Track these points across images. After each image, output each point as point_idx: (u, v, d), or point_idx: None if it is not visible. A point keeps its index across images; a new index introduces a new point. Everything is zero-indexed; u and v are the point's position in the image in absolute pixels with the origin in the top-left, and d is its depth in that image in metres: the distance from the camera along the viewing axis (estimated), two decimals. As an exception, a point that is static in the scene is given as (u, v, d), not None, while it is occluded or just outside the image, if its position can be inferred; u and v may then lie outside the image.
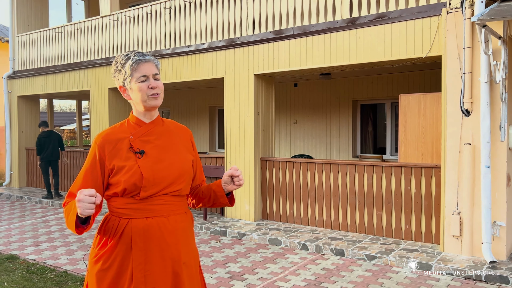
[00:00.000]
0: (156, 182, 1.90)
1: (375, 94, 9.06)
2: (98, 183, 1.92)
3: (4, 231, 7.07)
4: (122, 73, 1.93)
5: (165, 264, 1.91)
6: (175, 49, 8.06)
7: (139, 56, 1.91)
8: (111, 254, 1.89)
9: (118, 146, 1.93)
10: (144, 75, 1.91)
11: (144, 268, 1.88)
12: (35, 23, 11.34)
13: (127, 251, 1.88)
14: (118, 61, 1.96)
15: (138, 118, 2.00)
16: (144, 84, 1.91)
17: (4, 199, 10.32)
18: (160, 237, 1.90)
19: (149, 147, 1.95)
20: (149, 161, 1.92)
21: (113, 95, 9.32)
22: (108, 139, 1.94)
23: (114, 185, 1.91)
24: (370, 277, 4.81)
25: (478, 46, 5.02)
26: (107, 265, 1.88)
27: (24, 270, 5.08)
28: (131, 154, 1.92)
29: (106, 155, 1.91)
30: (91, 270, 1.92)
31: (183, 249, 1.97)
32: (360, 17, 6.09)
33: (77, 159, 10.26)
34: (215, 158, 7.98)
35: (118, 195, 1.91)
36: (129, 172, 1.87)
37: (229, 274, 4.95)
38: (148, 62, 1.92)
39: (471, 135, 5.17)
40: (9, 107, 11.31)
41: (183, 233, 1.99)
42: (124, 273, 1.88)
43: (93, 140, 1.96)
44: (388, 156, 9.05)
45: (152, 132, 1.99)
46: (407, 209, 5.94)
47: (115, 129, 1.99)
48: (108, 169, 1.91)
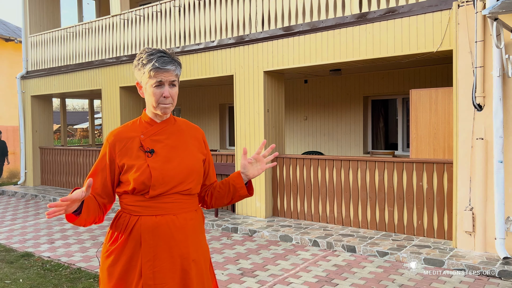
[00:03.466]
0: (165, 181, 1.92)
1: (386, 89, 8.99)
2: (107, 180, 1.95)
3: (20, 229, 7.19)
4: (141, 72, 1.93)
5: (174, 261, 1.92)
6: (185, 47, 8.09)
7: (160, 64, 1.86)
8: (121, 250, 1.92)
9: (128, 145, 1.95)
10: (161, 80, 1.89)
11: (153, 265, 1.90)
12: (47, 24, 11.47)
13: (137, 248, 1.91)
14: (141, 58, 1.92)
15: (150, 117, 2.02)
16: (159, 91, 1.89)
17: (19, 197, 10.49)
18: (168, 234, 1.92)
19: (159, 146, 1.97)
20: (159, 160, 1.94)
21: (124, 94, 9.40)
22: (119, 137, 1.96)
23: (124, 183, 1.94)
24: (381, 273, 4.79)
25: (490, 40, 4.95)
26: (117, 261, 1.91)
27: (39, 267, 5.16)
28: (141, 153, 1.94)
29: (116, 153, 1.94)
30: (103, 265, 1.96)
31: (192, 247, 1.98)
32: (370, 12, 6.04)
33: (89, 157, 10.38)
34: (225, 155, 8.00)
35: (129, 192, 1.94)
36: (139, 171, 1.89)
37: (241, 270, 4.97)
38: (166, 71, 1.88)
39: (484, 129, 5.11)
40: (22, 107, 11.47)
41: (192, 231, 2.00)
42: (133, 269, 1.91)
43: (105, 138, 2.00)
44: (399, 152, 8.98)
45: (163, 132, 2.01)
46: (419, 205, 5.90)
47: (126, 127, 2.01)
48: (118, 166, 1.94)
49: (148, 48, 1.96)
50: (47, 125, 11.75)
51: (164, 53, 1.92)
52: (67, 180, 10.93)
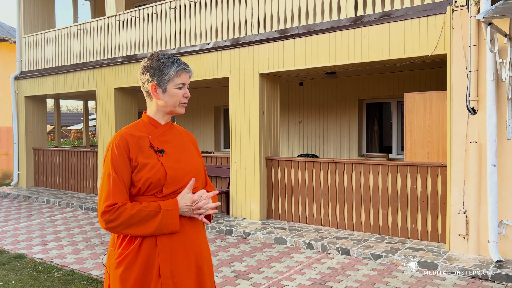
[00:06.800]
0: (178, 180, 1.96)
1: (381, 92, 9.03)
2: (127, 183, 1.91)
3: (12, 231, 7.14)
4: (163, 74, 1.96)
5: (189, 258, 1.96)
6: (180, 49, 8.08)
7: (184, 65, 2.00)
8: (136, 253, 1.89)
9: (140, 143, 1.95)
10: (183, 83, 2.00)
11: (170, 263, 1.91)
12: (42, 24, 11.42)
13: (152, 248, 1.90)
14: (160, 60, 1.98)
15: (154, 119, 2.03)
16: (180, 92, 2.00)
17: (12, 198, 10.41)
18: (183, 232, 1.95)
19: (167, 146, 2.01)
20: (170, 159, 1.97)
21: (119, 95, 9.37)
22: (130, 136, 1.94)
23: (136, 182, 1.91)
24: (375, 276, 4.80)
25: (484, 44, 4.99)
26: (132, 264, 1.89)
27: (32, 269, 5.13)
28: (152, 152, 1.95)
29: (130, 151, 1.91)
30: (115, 272, 1.91)
31: (203, 244, 2.05)
32: (365, 15, 6.07)
33: (83, 159, 10.33)
34: (220, 157, 8.00)
35: (139, 193, 1.92)
36: (153, 170, 1.91)
37: (235, 273, 4.96)
38: (189, 72, 2.03)
39: (477, 133, 5.14)
40: (16, 108, 11.40)
41: (202, 229, 2.07)
42: (150, 270, 1.90)
43: (112, 140, 1.94)
44: (394, 155, 9.02)
45: (168, 133, 2.05)
46: (413, 208, 5.92)
47: (132, 127, 2.01)
48: (133, 165, 1.91)
49: (158, 52, 2.02)
50: (41, 126, 11.68)
51: (177, 57, 2.04)
52: (61, 181, 10.87)
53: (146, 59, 2.02)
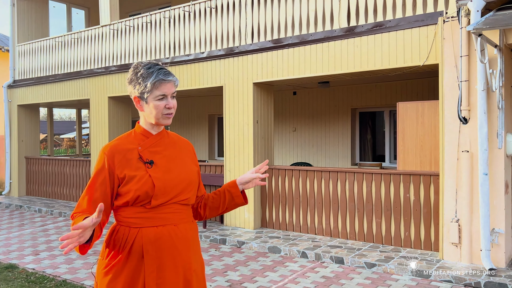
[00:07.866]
0: (167, 191, 1.93)
1: (374, 102, 9.10)
2: (107, 193, 1.91)
3: (4, 240, 7.06)
4: (141, 86, 1.92)
5: (177, 271, 1.93)
6: (174, 58, 8.11)
7: (162, 75, 1.91)
8: (123, 264, 1.89)
9: (128, 156, 1.94)
10: (164, 94, 1.92)
11: (157, 276, 1.89)
12: (35, 33, 11.41)
13: (139, 260, 1.89)
14: (139, 72, 1.93)
15: (146, 129, 2.02)
16: (162, 103, 1.93)
17: (3, 208, 10.31)
18: (171, 244, 1.93)
19: (157, 157, 1.98)
20: (159, 170, 1.95)
21: (113, 104, 9.36)
22: (117, 149, 1.95)
23: (124, 195, 1.91)
24: (369, 285, 4.81)
25: (475, 55, 5.06)
26: (119, 275, 1.88)
27: (24, 279, 5.07)
28: (141, 164, 1.94)
29: (116, 165, 1.92)
30: (102, 281, 1.91)
31: (193, 257, 2.01)
32: (358, 26, 6.14)
33: (76, 167, 10.27)
34: (214, 166, 8.00)
35: (128, 204, 1.92)
36: (141, 182, 1.89)
37: (229, 282, 4.94)
38: (169, 82, 1.93)
39: (469, 142, 5.19)
40: (9, 116, 11.34)
41: (193, 241, 2.03)
42: (136, 281, 1.89)
43: (101, 151, 1.96)
44: (387, 163, 9.07)
45: (159, 143, 2.03)
46: (406, 217, 5.95)
47: (122, 140, 2.01)
48: (118, 178, 1.91)
49: (141, 62, 1.98)
50: (34, 134, 11.62)
51: (161, 65, 1.96)
52: (53, 190, 10.79)
53: (130, 69, 2.00)
